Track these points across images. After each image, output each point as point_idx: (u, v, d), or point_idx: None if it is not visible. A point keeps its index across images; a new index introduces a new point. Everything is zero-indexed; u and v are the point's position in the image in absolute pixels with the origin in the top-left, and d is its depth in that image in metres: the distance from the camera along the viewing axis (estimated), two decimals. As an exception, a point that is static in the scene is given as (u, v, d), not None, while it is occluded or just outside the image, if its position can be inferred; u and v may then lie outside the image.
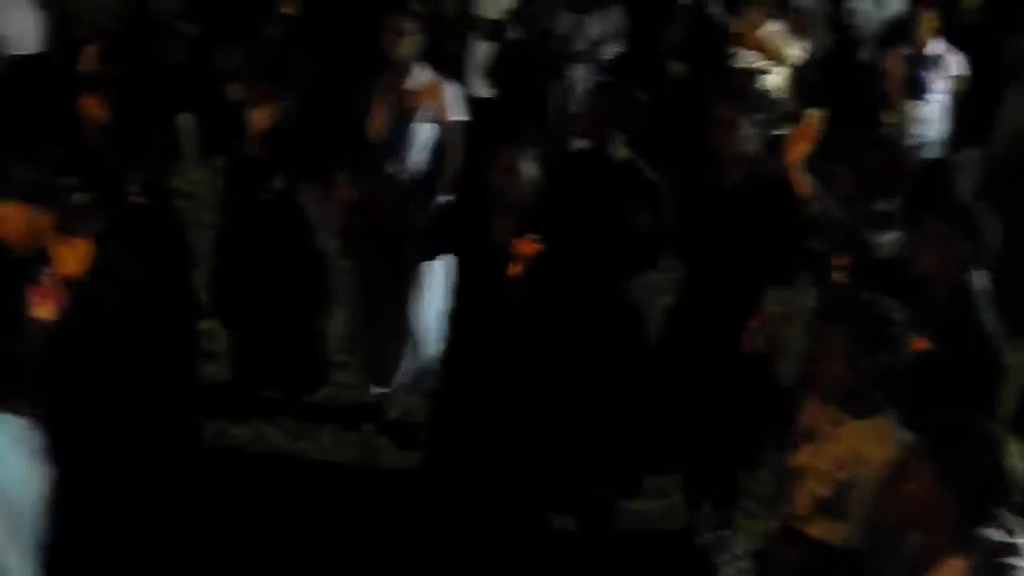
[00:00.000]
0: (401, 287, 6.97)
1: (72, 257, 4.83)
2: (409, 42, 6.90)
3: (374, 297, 7.20)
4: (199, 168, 10.31)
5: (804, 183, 5.39)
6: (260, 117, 6.71)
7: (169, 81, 8.45)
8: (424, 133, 6.89)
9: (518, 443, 5.71)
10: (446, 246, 5.91)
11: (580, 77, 9.71)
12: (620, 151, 6.07)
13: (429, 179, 6.91)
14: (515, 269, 5.46)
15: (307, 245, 7.09)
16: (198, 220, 8.52)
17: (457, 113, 6.98)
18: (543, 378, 5.62)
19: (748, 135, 5.68)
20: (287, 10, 10.54)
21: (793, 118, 7.02)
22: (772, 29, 9.60)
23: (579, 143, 6.47)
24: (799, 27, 9.91)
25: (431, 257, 6.37)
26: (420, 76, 6.95)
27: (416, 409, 7.23)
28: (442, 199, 6.76)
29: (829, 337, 4.01)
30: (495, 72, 9.92)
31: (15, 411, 3.59)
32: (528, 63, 9.88)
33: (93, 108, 6.14)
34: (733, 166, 5.71)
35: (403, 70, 6.90)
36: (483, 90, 9.89)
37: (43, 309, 5.06)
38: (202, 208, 9.09)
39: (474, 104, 7.75)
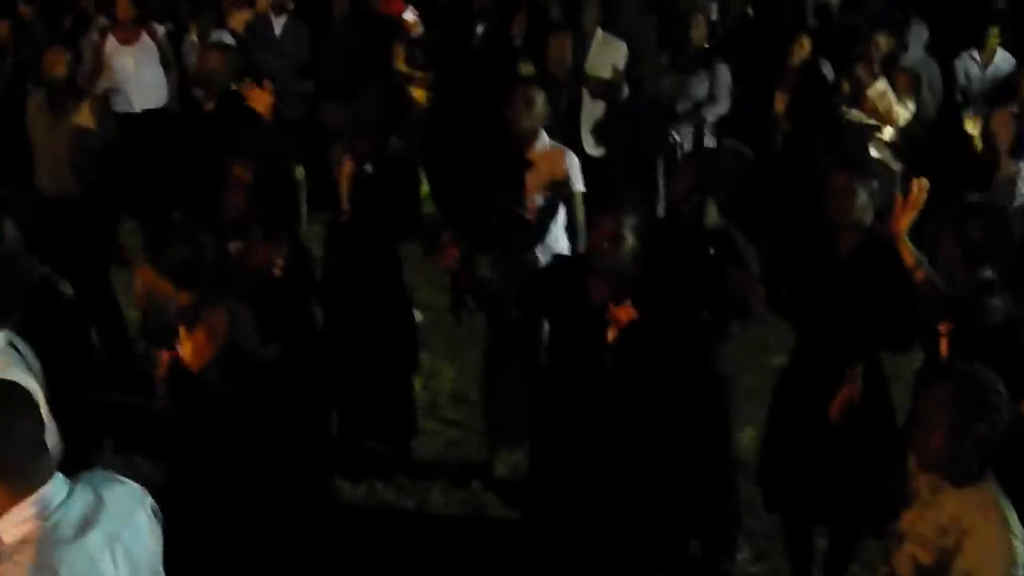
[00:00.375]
0: (519, 347, 7.02)
1: (195, 348, 4.94)
2: (537, 112, 6.94)
3: (492, 357, 7.30)
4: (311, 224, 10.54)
5: (909, 253, 5.41)
6: (348, 175, 6.89)
7: (287, 138, 8.64)
8: (544, 200, 6.94)
9: (612, 501, 5.75)
10: (544, 308, 6.00)
11: (684, 139, 9.83)
12: (713, 217, 6.13)
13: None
14: (611, 334, 5.54)
15: (399, 301, 7.25)
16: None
17: (579, 183, 7.02)
18: (635, 440, 5.67)
19: (864, 203, 5.68)
20: (402, 68, 10.81)
21: (900, 185, 7.00)
22: (880, 88, 9.60)
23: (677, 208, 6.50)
24: (906, 87, 9.89)
25: (530, 318, 6.44)
26: (545, 144, 7.01)
27: (524, 466, 7.30)
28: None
29: (931, 405, 4.02)
30: (603, 132, 10.03)
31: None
32: (634, 124, 9.99)
33: (240, 172, 6.30)
34: (847, 233, 5.73)
35: (531, 139, 6.96)
36: (593, 150, 10.01)
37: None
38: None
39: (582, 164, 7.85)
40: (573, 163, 7.03)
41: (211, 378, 4.85)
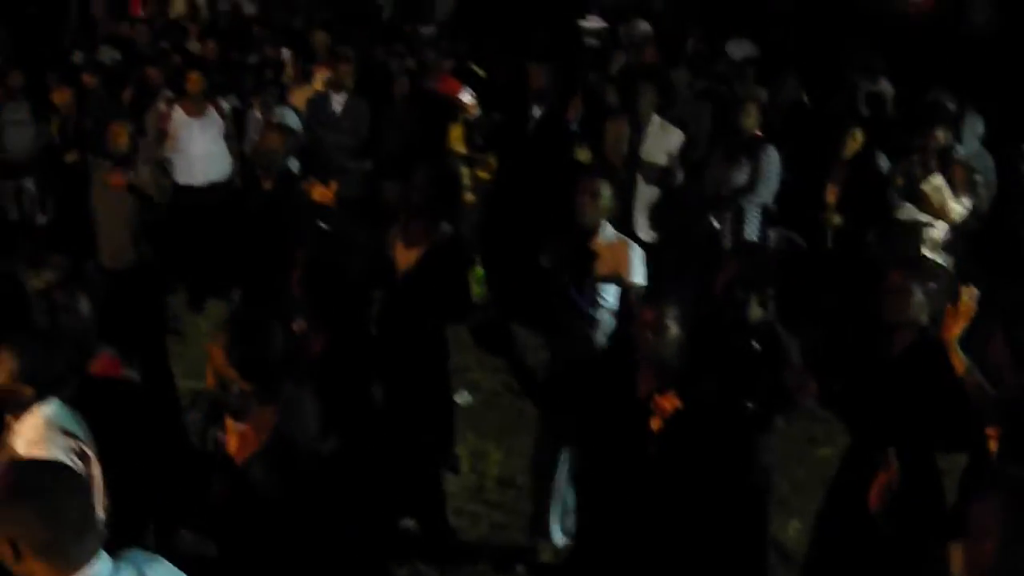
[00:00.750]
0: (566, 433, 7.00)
1: (240, 441, 5.01)
2: (603, 205, 7.00)
3: (542, 442, 7.31)
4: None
5: (959, 361, 5.43)
6: (405, 256, 6.97)
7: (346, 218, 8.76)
8: (607, 292, 6.99)
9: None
10: (589, 398, 6.03)
11: (724, 226, 9.87)
12: (756, 312, 6.16)
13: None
14: (655, 424, 5.56)
15: (439, 384, 7.29)
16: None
17: (640, 277, 7.05)
18: (677, 528, 5.67)
19: (919, 302, 5.72)
20: (459, 149, 10.91)
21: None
22: (935, 183, 9.57)
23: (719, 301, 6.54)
24: (962, 181, 9.85)
25: (575, 408, 6.46)
26: (608, 235, 7.07)
27: (567, 552, 7.30)
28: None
29: (982, 513, 3.98)
30: (657, 218, 10.08)
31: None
32: (685, 211, 10.05)
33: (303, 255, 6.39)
34: (902, 332, 5.75)
35: (595, 231, 7.01)
36: (646, 235, 10.06)
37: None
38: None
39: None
40: (636, 256, 7.07)
41: (254, 472, 4.90)
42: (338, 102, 11.84)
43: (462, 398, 8.64)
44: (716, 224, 10.02)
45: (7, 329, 5.49)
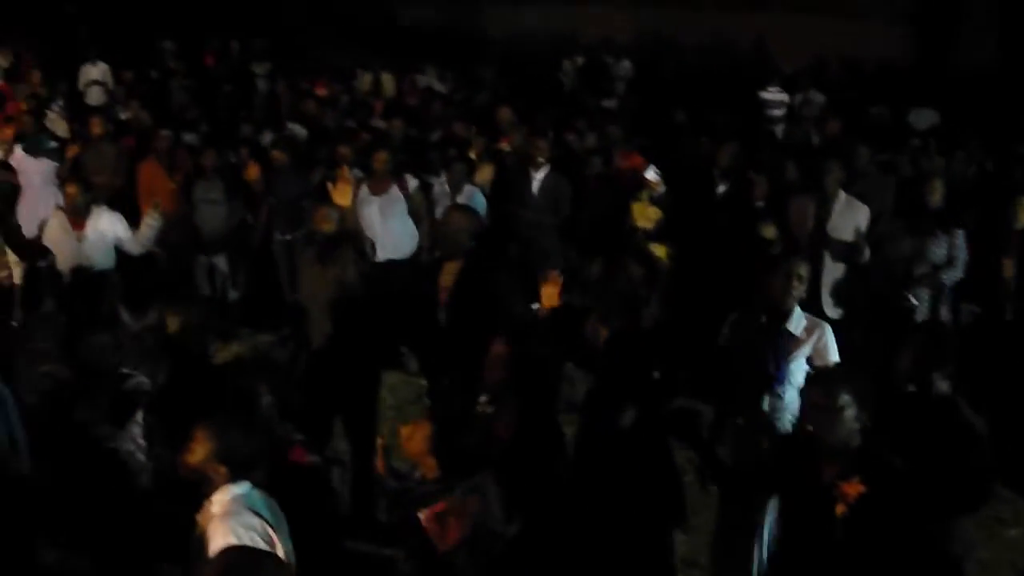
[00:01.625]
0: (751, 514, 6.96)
1: (445, 530, 5.08)
2: (800, 288, 6.95)
3: (723, 525, 7.25)
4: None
5: None
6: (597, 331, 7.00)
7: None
8: (800, 373, 6.89)
9: None
10: (774, 483, 5.95)
11: (920, 303, 9.72)
12: (941, 389, 6.04)
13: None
14: (840, 509, 5.45)
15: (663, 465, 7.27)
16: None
17: (834, 355, 6.96)
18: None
19: None
20: (642, 225, 10.91)
21: None
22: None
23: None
24: None
25: (760, 493, 6.38)
26: (799, 316, 7.00)
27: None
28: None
29: None
30: (843, 295, 9.97)
31: None
32: (871, 288, 9.93)
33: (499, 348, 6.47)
34: None
35: (787, 315, 6.96)
36: (832, 311, 9.95)
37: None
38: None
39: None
40: (830, 336, 7.00)
41: (458, 561, 4.96)
42: (536, 179, 11.88)
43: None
44: (913, 301, 9.85)
45: (200, 409, 5.64)
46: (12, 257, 10.66)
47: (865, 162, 11.64)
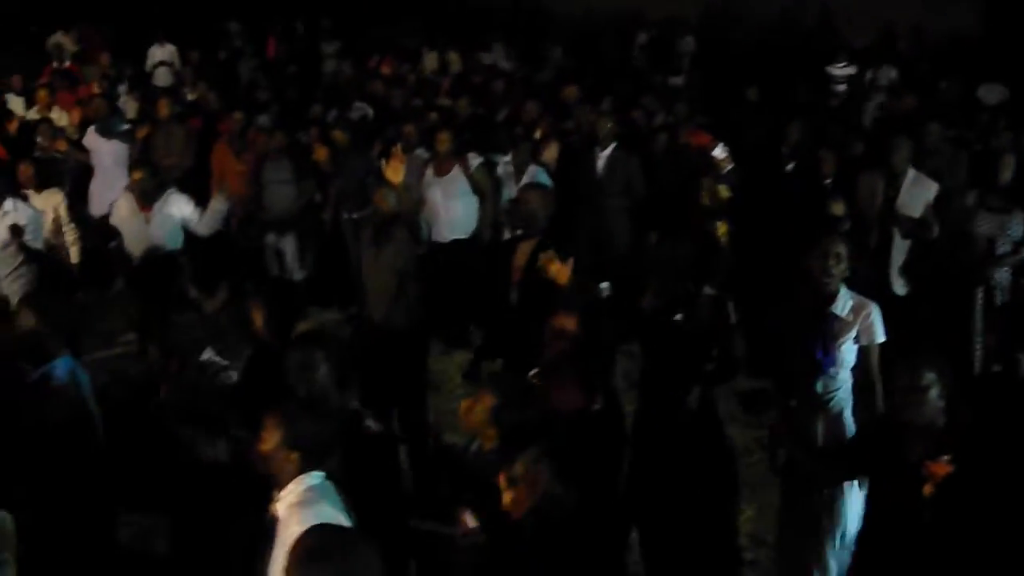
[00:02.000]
0: (819, 497, 6.89)
1: (515, 498, 5.11)
2: (843, 268, 6.85)
3: (788, 502, 7.23)
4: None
5: None
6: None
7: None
8: (849, 354, 6.84)
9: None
10: (861, 465, 5.92)
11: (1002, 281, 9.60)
12: None
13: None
14: (928, 489, 5.42)
15: (721, 443, 7.27)
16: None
17: (880, 335, 6.87)
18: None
19: None
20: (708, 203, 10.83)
21: None
22: None
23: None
24: None
25: (850, 477, 6.34)
26: (845, 295, 6.90)
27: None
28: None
29: None
30: (912, 272, 9.89)
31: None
32: (946, 265, 9.83)
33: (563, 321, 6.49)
34: None
35: (833, 296, 6.86)
36: (901, 289, 9.88)
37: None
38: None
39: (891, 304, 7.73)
40: (876, 315, 6.91)
41: (529, 528, 5.00)
42: (602, 157, 11.78)
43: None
44: (995, 279, 9.73)
45: (269, 396, 5.67)
46: (71, 236, 10.86)
47: (937, 139, 11.51)
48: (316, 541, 3.68)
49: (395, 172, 9.17)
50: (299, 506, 4.90)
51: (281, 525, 4.90)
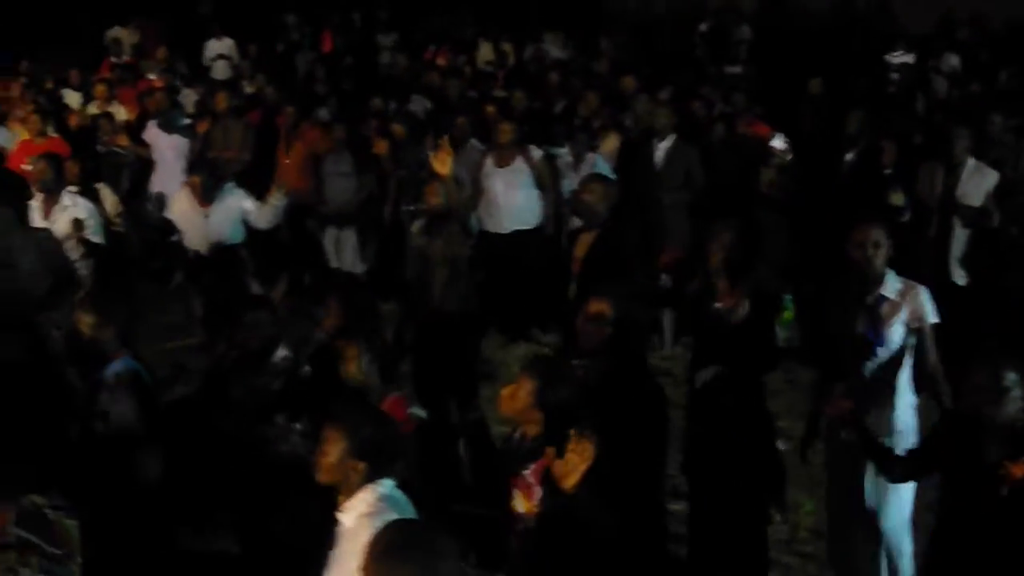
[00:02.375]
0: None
1: (566, 470, 5.13)
2: (884, 254, 6.84)
3: (844, 493, 7.20)
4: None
5: None
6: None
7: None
8: (898, 336, 6.84)
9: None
10: (935, 464, 5.87)
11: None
12: None
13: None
14: (1004, 489, 5.35)
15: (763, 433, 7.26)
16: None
17: (932, 316, 6.87)
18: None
19: None
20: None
21: None
22: None
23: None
24: None
25: (922, 475, 6.29)
26: (893, 283, 6.91)
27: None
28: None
29: None
30: (973, 262, 9.83)
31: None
32: (1007, 254, 9.76)
33: (599, 306, 6.49)
34: None
35: (878, 281, 6.87)
36: (961, 279, 9.82)
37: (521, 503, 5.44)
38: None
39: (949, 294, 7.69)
40: (925, 296, 6.90)
41: (582, 502, 5.05)
42: (661, 148, 11.68)
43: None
44: None
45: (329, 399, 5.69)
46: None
47: (999, 129, 11.42)
48: (398, 536, 3.67)
49: (442, 164, 9.21)
50: (369, 517, 4.74)
51: (349, 534, 4.78)
